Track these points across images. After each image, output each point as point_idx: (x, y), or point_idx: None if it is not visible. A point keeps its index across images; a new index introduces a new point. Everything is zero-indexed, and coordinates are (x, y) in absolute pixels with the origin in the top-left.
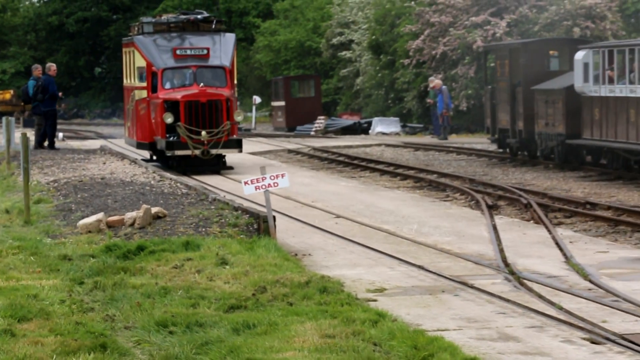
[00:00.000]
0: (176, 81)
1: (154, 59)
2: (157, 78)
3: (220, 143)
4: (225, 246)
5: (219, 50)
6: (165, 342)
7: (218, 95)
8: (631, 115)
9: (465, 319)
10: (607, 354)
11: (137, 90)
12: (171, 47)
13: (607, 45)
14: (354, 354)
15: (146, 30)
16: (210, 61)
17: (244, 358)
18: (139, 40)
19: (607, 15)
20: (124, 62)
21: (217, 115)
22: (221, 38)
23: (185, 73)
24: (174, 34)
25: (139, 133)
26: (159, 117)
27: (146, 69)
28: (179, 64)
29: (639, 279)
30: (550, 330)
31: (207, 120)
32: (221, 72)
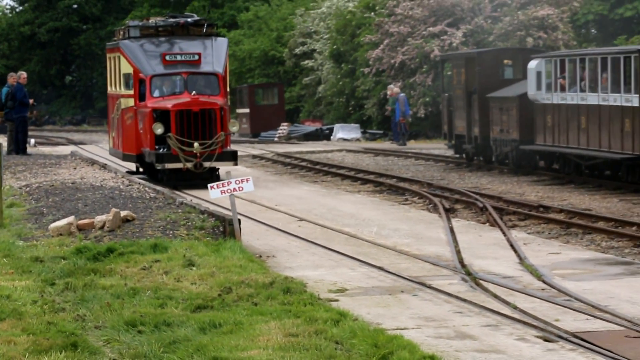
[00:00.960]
0: (165, 89)
1: (142, 65)
2: (145, 85)
3: (214, 155)
4: (192, 248)
5: (211, 56)
6: (134, 341)
7: (211, 104)
8: (582, 122)
9: (424, 318)
10: (559, 352)
11: (123, 98)
12: (160, 53)
13: (559, 55)
14: (317, 352)
15: (132, 35)
16: (202, 67)
17: (211, 356)
18: (125, 45)
19: (558, 26)
20: (108, 68)
21: (210, 126)
22: (213, 43)
23: (175, 80)
24: (163, 38)
25: (125, 144)
26: (147, 128)
27: (133, 76)
28: (169, 70)
29: (589, 279)
30: (505, 329)
31: (200, 130)
32: (214, 79)
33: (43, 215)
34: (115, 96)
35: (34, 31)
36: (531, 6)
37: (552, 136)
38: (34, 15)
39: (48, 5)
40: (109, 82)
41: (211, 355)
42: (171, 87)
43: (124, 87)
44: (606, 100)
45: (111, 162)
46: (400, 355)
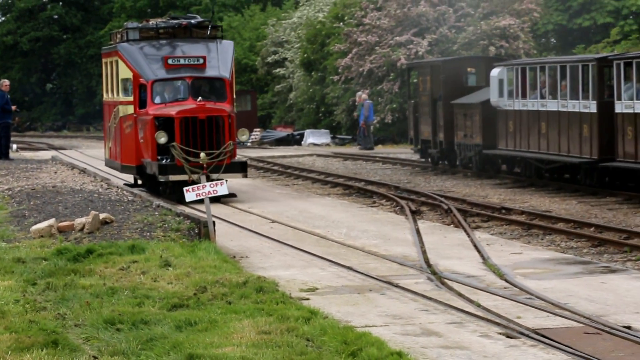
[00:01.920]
0: (168, 95)
1: (142, 69)
2: (146, 91)
3: (222, 166)
4: (169, 249)
5: (217, 60)
6: (112, 338)
7: (219, 110)
8: (542, 128)
9: (391, 316)
10: (521, 348)
11: (122, 105)
12: (161, 56)
13: (520, 63)
14: (289, 349)
15: (131, 37)
16: (207, 72)
17: (186, 353)
18: (123, 49)
19: (520, 36)
20: (105, 74)
21: (217, 134)
22: (218, 46)
23: (178, 85)
24: (164, 41)
25: (124, 155)
26: (148, 137)
27: (132, 81)
28: (171, 74)
29: (550, 278)
30: (470, 326)
31: (207, 140)
32: (220, 85)
33: (25, 217)
34: (112, 103)
35: (16, 40)
36: (493, 16)
37: (513, 141)
38: (16, 25)
39: (30, 16)
40: (105, 89)
41: (187, 352)
42: (174, 92)
43: (123, 94)
44: (565, 107)
45: (108, 173)
46: (368, 351)
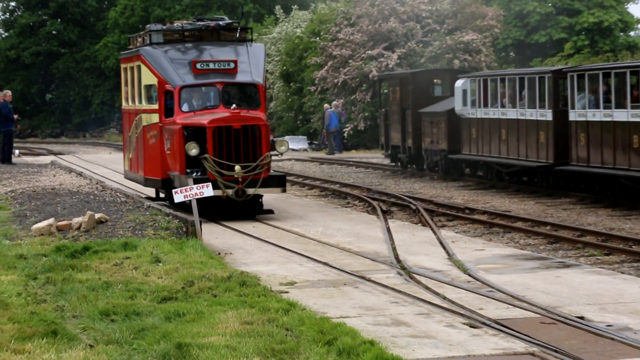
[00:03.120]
0: (196, 102)
1: (168, 74)
2: (173, 98)
3: (259, 180)
4: (159, 246)
5: (248, 64)
6: (107, 328)
7: (255, 119)
8: (502, 134)
9: (364, 308)
10: (483, 337)
11: (145, 114)
12: (189, 60)
13: (482, 75)
14: (269, 338)
15: (155, 40)
16: (239, 77)
17: (175, 342)
18: (147, 53)
19: (482, 50)
20: (124, 80)
21: (254, 145)
22: (248, 49)
23: (208, 92)
24: (189, 44)
25: (148, 167)
26: (176, 148)
27: (158, 88)
28: (201, 80)
29: (509, 273)
30: (436, 317)
31: (242, 151)
32: (253, 91)
33: (26, 217)
34: (133, 112)
35: (19, 54)
36: (457, 32)
37: (476, 146)
38: (18, 40)
39: (31, 32)
40: (124, 97)
41: (176, 341)
42: (203, 100)
43: (146, 101)
44: (524, 115)
45: (127, 186)
46: (343, 340)
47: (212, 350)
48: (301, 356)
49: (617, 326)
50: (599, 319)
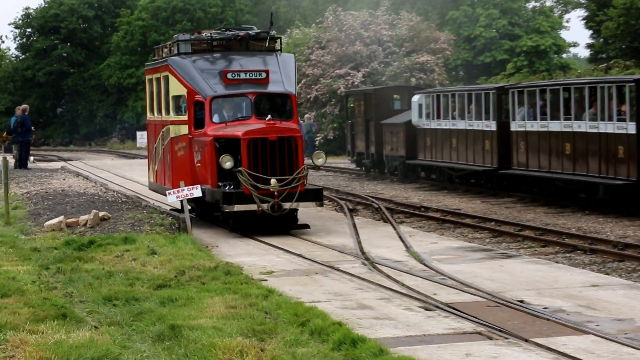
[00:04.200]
0: (227, 113)
1: (198, 85)
2: (204, 109)
3: (295, 194)
4: (154, 241)
5: (279, 74)
6: (110, 312)
7: (291, 130)
8: (453, 142)
9: (333, 294)
10: (436, 318)
11: (173, 125)
12: (219, 70)
13: (435, 91)
14: (251, 320)
15: (183, 50)
16: (271, 87)
17: (169, 324)
18: (175, 63)
19: (435, 69)
20: (149, 91)
21: (290, 158)
22: (278, 58)
23: (240, 102)
24: (217, 54)
25: (176, 180)
26: (207, 160)
27: (187, 98)
28: (232, 90)
29: (459, 263)
30: (396, 301)
31: (278, 164)
32: (285, 101)
33: (40, 215)
34: (160, 123)
35: (34, 74)
36: (414, 54)
37: (430, 153)
38: (34, 62)
39: (44, 54)
40: (149, 108)
41: (169, 323)
42: (234, 110)
43: (174, 112)
44: (471, 126)
45: (152, 198)
46: (315, 322)
47: (200, 331)
48: (278, 336)
49: (552, 308)
50: (537, 302)
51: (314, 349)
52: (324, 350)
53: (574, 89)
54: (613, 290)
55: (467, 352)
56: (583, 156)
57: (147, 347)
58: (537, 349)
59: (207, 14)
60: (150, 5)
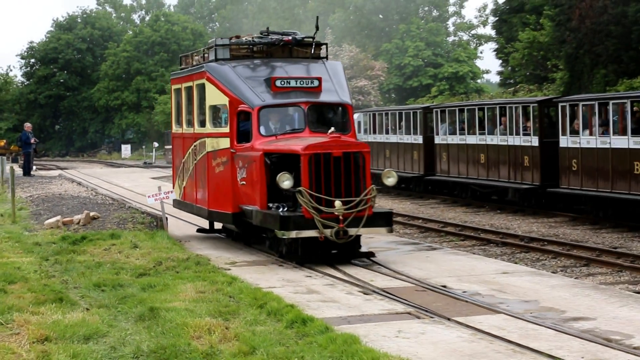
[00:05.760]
0: (275, 125)
1: (243, 93)
2: (250, 120)
3: (363, 218)
4: (136, 236)
5: (331, 82)
6: (99, 296)
7: (358, 145)
8: (387, 153)
9: (286, 280)
10: (373, 301)
11: (210, 138)
12: (265, 77)
13: (372, 110)
14: (217, 303)
15: (220, 56)
16: (325, 96)
17: (148, 306)
18: (213, 70)
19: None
20: (175, 102)
21: (356, 176)
22: (326, 66)
23: (291, 113)
24: (258, 60)
25: (214, 199)
26: (256, 178)
27: (229, 108)
28: (282, 99)
29: (392, 254)
30: (339, 287)
31: (343, 183)
32: (342, 112)
33: (41, 215)
34: (191, 136)
35: (36, 97)
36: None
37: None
38: (36, 87)
39: (45, 80)
40: (176, 120)
41: (149, 306)
42: (283, 122)
43: (211, 124)
44: (402, 140)
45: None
46: (271, 304)
47: (175, 312)
48: (240, 316)
49: (470, 292)
50: (457, 287)
51: (270, 327)
52: (279, 328)
53: (487, 109)
54: (520, 276)
55: (399, 329)
56: (495, 164)
57: (130, 326)
58: (457, 326)
59: (180, 47)
60: (133, 40)
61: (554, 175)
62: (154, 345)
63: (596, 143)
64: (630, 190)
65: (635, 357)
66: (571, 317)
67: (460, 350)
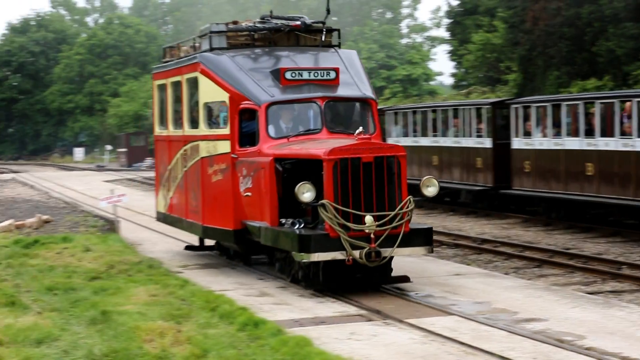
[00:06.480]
0: (287, 124)
1: (247, 88)
2: (258, 120)
3: (399, 236)
4: (89, 239)
5: (348, 74)
6: (51, 300)
7: (392, 148)
8: None
9: (239, 283)
10: (326, 303)
11: (205, 141)
12: (272, 69)
13: None
14: (170, 306)
15: (216, 45)
16: (343, 90)
17: (101, 309)
18: (209, 60)
19: None
20: (159, 100)
21: (390, 186)
22: (340, 56)
23: (305, 111)
24: (259, 50)
25: (210, 213)
26: (265, 189)
27: (229, 106)
28: (294, 94)
29: None
30: (291, 289)
31: (375, 194)
32: (365, 110)
33: None
34: (179, 139)
35: None
36: None
37: None
38: None
39: None
40: (160, 120)
41: (101, 309)
42: (295, 121)
43: (206, 124)
44: None
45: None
46: (223, 307)
47: (127, 315)
48: (193, 319)
49: (422, 294)
50: (410, 288)
51: (222, 330)
52: (231, 331)
53: (441, 111)
54: (473, 278)
55: (352, 331)
56: (448, 166)
57: (83, 330)
58: (410, 328)
59: (134, 50)
60: (87, 42)
61: (507, 177)
62: (106, 349)
63: (549, 144)
64: (582, 192)
65: (587, 357)
66: (523, 319)
67: (412, 352)
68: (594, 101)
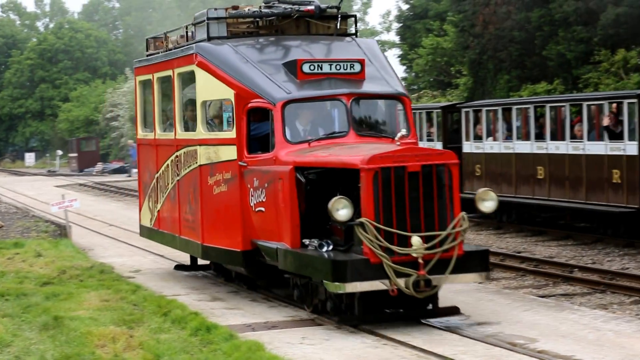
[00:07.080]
0: (305, 127)
1: (257, 83)
2: (272, 121)
3: (451, 261)
4: (40, 245)
5: (373, 66)
6: (3, 306)
7: (442, 155)
8: None
9: (191, 288)
10: (277, 308)
11: (203, 146)
12: (283, 61)
13: None
14: (122, 311)
15: (214, 34)
16: (370, 86)
17: (53, 315)
18: (208, 51)
19: None
20: (142, 97)
21: (441, 201)
22: (360, 45)
23: (327, 110)
24: (263, 39)
25: (211, 230)
26: (284, 204)
27: (235, 104)
28: (314, 91)
29: None
30: (243, 294)
31: (423, 211)
32: (398, 109)
33: None
34: (169, 144)
35: None
36: None
37: None
38: None
39: None
40: (143, 121)
41: (53, 315)
42: (316, 123)
43: (204, 126)
44: None
45: None
46: (175, 312)
47: (79, 321)
48: (145, 324)
49: None
50: None
51: (175, 335)
52: (184, 336)
53: None
54: None
55: (304, 335)
56: None
57: (35, 335)
58: (362, 332)
59: (84, 54)
60: (37, 47)
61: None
62: (59, 354)
63: (500, 148)
64: (533, 195)
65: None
66: (475, 322)
67: (365, 357)
68: (544, 105)
